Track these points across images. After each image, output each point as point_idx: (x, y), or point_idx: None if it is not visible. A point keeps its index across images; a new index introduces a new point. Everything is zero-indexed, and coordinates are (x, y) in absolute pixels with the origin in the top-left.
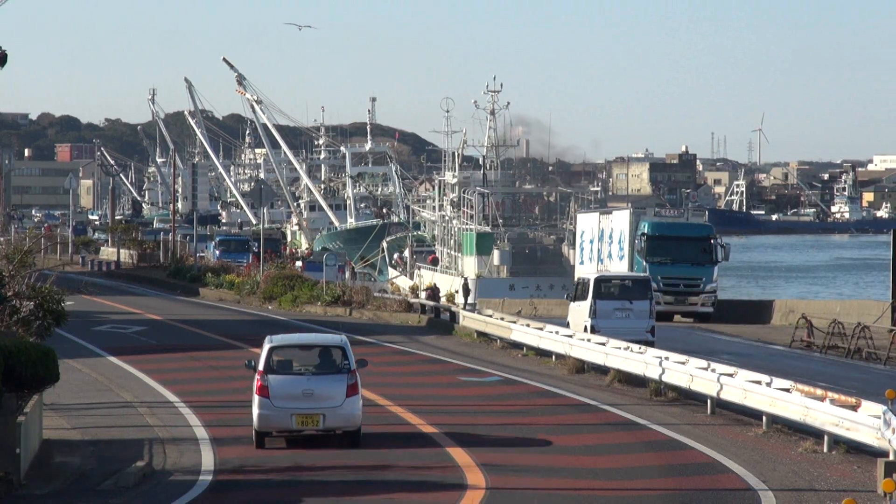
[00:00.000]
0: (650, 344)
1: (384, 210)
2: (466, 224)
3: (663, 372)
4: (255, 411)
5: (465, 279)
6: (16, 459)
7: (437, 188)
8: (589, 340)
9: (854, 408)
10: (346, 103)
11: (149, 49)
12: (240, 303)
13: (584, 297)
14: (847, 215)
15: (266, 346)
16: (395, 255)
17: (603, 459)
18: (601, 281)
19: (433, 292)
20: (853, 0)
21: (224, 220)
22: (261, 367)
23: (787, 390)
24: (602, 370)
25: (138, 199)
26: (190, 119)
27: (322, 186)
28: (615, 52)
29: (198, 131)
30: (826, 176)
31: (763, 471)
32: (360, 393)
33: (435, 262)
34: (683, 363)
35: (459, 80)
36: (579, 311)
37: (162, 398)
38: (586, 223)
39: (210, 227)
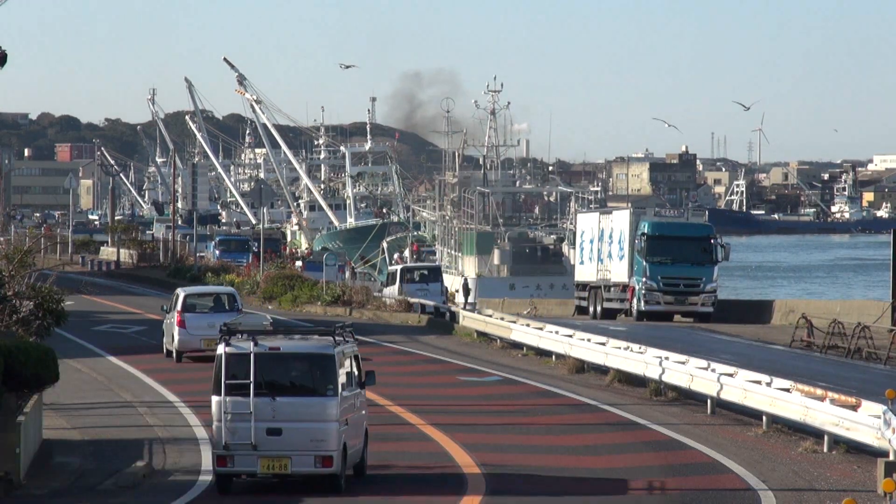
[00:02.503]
0: None
1: (384, 210)
2: (466, 224)
3: (663, 372)
4: (176, 337)
5: (465, 279)
6: (16, 459)
7: (437, 188)
8: (589, 340)
9: (854, 408)
10: (346, 103)
11: (149, 49)
12: None
13: (394, 283)
14: (847, 215)
15: (181, 295)
16: (395, 255)
17: (603, 459)
18: (405, 270)
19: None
20: (854, 0)
21: (224, 220)
22: (178, 308)
23: (787, 390)
24: (602, 370)
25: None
26: (191, 123)
27: (322, 186)
28: (615, 51)
29: (198, 135)
30: (826, 176)
31: (763, 471)
32: None
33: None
34: (683, 363)
35: (460, 80)
36: (392, 292)
37: (162, 398)
38: (586, 223)
39: (210, 226)
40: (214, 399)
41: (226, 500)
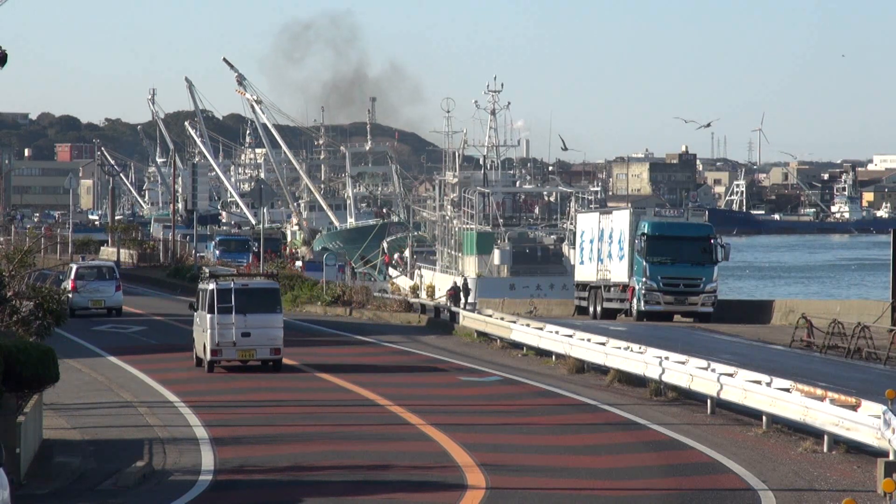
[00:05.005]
0: None
1: (384, 210)
2: (467, 224)
3: (663, 372)
4: (70, 298)
5: (465, 279)
6: (16, 459)
7: (437, 188)
8: (589, 340)
9: (854, 408)
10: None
11: (149, 49)
12: None
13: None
14: (847, 215)
15: (73, 268)
16: (396, 255)
17: (603, 459)
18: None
19: (455, 292)
20: (853, 1)
21: (224, 220)
22: (72, 277)
23: (787, 390)
24: (602, 370)
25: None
26: (190, 129)
27: (322, 186)
28: (615, 51)
29: (198, 141)
30: (826, 176)
31: (763, 471)
32: (121, 290)
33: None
34: (683, 363)
35: (460, 80)
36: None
37: (162, 398)
38: (586, 223)
39: (210, 226)
40: (208, 316)
41: (222, 499)
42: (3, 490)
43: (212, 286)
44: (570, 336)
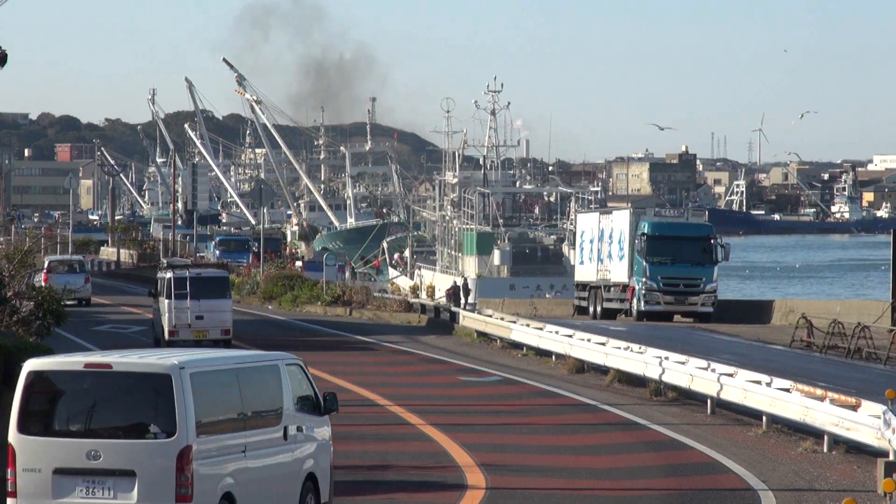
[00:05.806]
0: None
1: (384, 210)
2: (467, 224)
3: (663, 372)
4: None
5: (465, 279)
6: None
7: (437, 188)
8: (589, 340)
9: (854, 408)
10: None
11: (149, 49)
12: (239, 303)
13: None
14: (847, 215)
15: (46, 262)
16: (396, 255)
17: (603, 459)
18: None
19: (454, 291)
20: (853, 1)
21: (224, 220)
22: (45, 269)
23: (787, 390)
24: (602, 370)
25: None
26: (190, 132)
27: (322, 186)
28: (615, 51)
29: (198, 143)
30: (826, 176)
31: (763, 471)
32: (90, 282)
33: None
34: (683, 363)
35: (460, 80)
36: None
37: None
38: (586, 223)
39: (210, 227)
40: (166, 301)
41: None
42: (328, 428)
43: (169, 275)
44: (570, 336)
